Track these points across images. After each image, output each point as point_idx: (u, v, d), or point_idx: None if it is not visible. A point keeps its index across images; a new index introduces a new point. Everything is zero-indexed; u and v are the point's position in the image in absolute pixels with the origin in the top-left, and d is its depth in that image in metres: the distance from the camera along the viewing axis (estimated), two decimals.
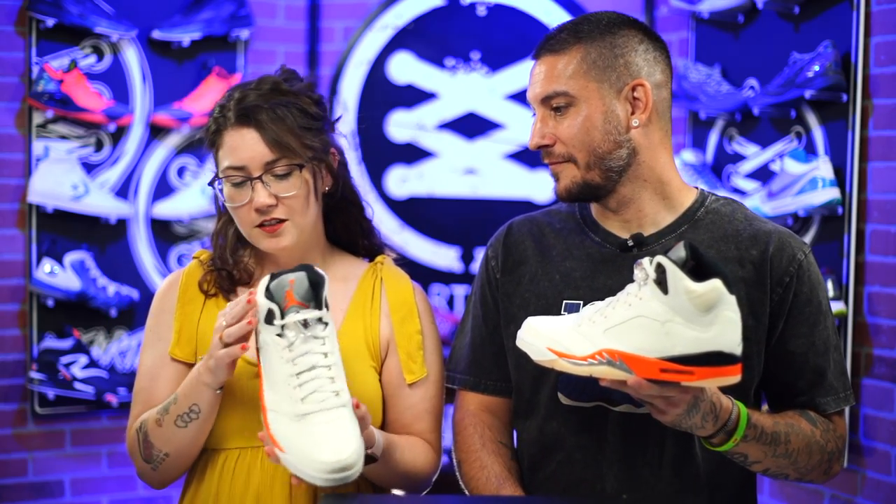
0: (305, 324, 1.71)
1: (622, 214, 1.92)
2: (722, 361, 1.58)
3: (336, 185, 2.03)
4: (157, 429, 1.90)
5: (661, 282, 1.57)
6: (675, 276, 1.56)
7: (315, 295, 1.72)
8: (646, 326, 1.59)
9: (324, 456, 1.64)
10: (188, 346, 1.98)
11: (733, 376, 1.59)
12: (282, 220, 1.93)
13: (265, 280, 1.74)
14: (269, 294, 1.72)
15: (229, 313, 1.77)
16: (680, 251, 1.58)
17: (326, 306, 1.73)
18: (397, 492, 2.01)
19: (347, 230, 2.10)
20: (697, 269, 1.58)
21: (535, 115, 1.92)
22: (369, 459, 1.80)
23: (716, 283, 1.55)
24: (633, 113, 1.86)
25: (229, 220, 2.02)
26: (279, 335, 1.71)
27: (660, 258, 1.58)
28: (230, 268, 2.02)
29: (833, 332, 1.90)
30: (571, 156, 1.87)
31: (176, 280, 2.04)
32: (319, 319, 1.72)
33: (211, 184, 1.98)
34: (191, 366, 1.95)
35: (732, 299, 1.57)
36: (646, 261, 1.61)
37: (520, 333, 1.77)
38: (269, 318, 1.71)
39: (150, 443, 1.92)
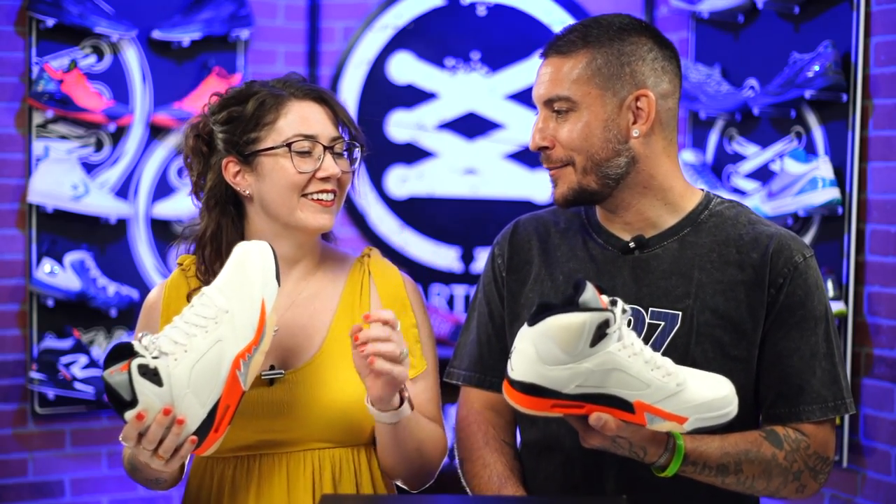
0: (154, 372, 1.64)
1: (623, 217, 1.92)
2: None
3: None
4: (134, 472, 1.93)
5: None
6: None
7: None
8: None
9: None
10: None
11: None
12: (333, 198, 1.94)
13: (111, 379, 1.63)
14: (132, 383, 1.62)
15: (147, 438, 1.65)
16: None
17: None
18: (403, 486, 2.00)
19: None
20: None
21: (538, 113, 1.91)
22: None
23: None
24: (634, 122, 1.85)
25: (221, 221, 1.97)
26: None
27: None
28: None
29: (825, 342, 1.86)
30: (570, 159, 1.86)
31: (159, 294, 2.02)
32: (154, 371, 1.64)
33: (254, 154, 1.92)
34: None
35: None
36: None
37: None
38: (153, 377, 1.64)
39: (131, 475, 1.96)
